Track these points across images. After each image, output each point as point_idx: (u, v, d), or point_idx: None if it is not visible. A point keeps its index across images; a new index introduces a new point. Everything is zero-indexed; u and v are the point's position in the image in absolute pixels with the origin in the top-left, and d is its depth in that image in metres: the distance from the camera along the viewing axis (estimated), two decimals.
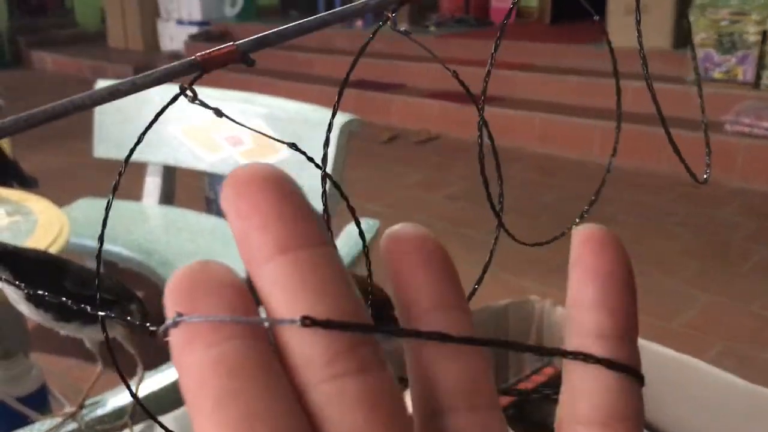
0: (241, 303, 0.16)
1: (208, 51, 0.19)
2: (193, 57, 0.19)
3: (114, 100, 0.19)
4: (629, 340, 0.18)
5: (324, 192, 0.25)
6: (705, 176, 0.23)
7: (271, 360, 0.16)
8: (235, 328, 0.15)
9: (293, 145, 0.23)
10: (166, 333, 0.15)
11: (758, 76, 3.42)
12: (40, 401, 1.35)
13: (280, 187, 0.17)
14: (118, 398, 0.80)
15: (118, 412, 0.80)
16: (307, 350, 0.15)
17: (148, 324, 0.17)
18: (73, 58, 6.52)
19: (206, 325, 0.15)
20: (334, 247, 0.17)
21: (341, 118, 1.76)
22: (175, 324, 0.15)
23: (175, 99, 0.20)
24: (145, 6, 6.70)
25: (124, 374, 0.31)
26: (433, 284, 0.19)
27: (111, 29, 7.01)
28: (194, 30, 6.31)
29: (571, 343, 0.18)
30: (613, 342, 0.18)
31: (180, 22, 6.46)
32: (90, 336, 0.72)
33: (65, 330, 0.70)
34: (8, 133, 0.19)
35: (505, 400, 0.72)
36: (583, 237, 0.19)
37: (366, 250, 0.30)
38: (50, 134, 4.44)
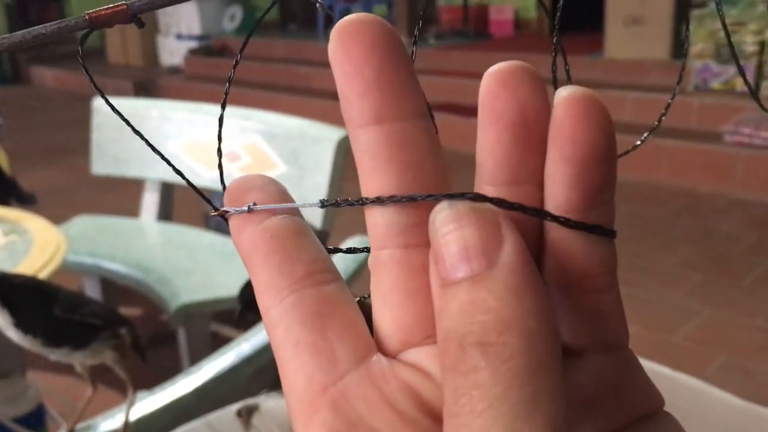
0: (279, 195, 0.20)
1: (97, 9, 0.19)
2: (83, 14, 0.19)
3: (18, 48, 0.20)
4: (599, 207, 0.18)
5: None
6: None
7: (305, 228, 0.19)
8: (275, 212, 0.19)
9: None
10: (226, 219, 0.20)
11: (757, 87, 3.42)
12: (37, 421, 1.34)
13: (386, 50, 0.18)
14: (110, 422, 0.79)
15: None
16: (378, 221, 0.18)
17: (220, 209, 0.20)
18: (73, 74, 6.54)
19: (255, 212, 0.19)
20: (428, 119, 0.18)
21: (338, 133, 1.76)
22: (248, 210, 0.19)
23: (82, 41, 0.20)
24: (144, 21, 6.71)
25: (116, 397, 0.30)
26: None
27: (111, 45, 7.04)
28: (194, 44, 6.33)
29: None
30: (582, 214, 0.18)
31: (179, 36, 6.48)
32: (80, 361, 0.71)
33: (55, 355, 0.69)
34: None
35: None
36: (566, 104, 0.17)
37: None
38: (50, 151, 4.45)
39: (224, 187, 0.22)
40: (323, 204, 0.19)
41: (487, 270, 0.15)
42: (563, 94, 0.18)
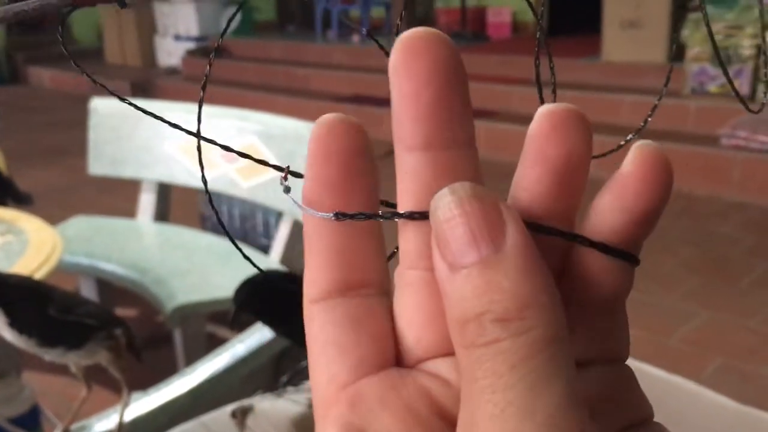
0: (353, 168, 0.18)
1: None
2: None
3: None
4: (632, 248, 0.19)
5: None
6: (761, 106, 0.23)
7: (373, 227, 0.19)
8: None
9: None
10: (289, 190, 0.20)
11: (753, 90, 3.42)
12: (32, 422, 1.34)
13: (448, 74, 0.17)
14: (104, 423, 0.78)
15: None
16: (411, 241, 0.18)
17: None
18: (71, 75, 6.53)
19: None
20: (474, 149, 0.19)
21: None
22: (334, 218, 0.19)
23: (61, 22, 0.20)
24: (142, 22, 6.72)
25: (111, 398, 0.30)
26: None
27: (108, 45, 7.03)
28: (191, 45, 6.32)
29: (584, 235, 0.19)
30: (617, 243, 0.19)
31: (177, 37, 6.48)
32: (75, 361, 0.71)
33: (49, 356, 0.69)
34: None
35: None
36: (638, 160, 0.19)
37: None
38: (47, 151, 4.44)
39: (208, 193, 0.22)
40: (400, 215, 0.19)
41: (495, 254, 0.16)
42: (638, 149, 0.19)
